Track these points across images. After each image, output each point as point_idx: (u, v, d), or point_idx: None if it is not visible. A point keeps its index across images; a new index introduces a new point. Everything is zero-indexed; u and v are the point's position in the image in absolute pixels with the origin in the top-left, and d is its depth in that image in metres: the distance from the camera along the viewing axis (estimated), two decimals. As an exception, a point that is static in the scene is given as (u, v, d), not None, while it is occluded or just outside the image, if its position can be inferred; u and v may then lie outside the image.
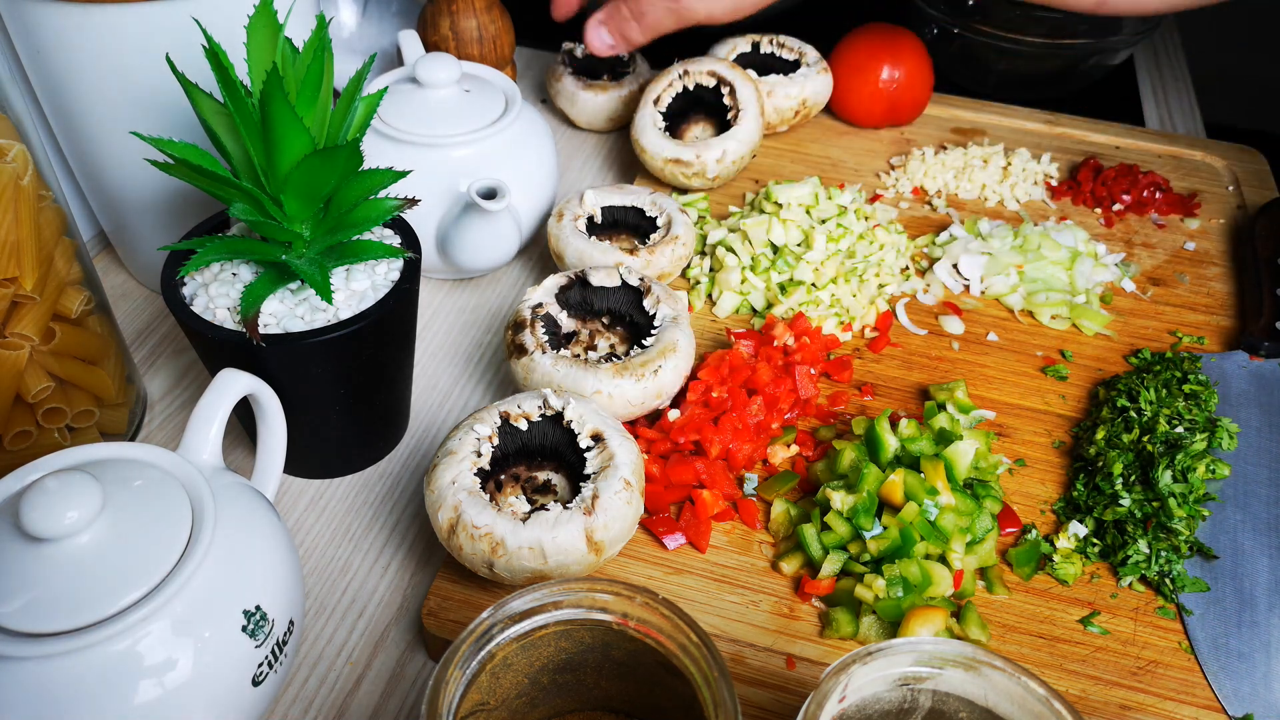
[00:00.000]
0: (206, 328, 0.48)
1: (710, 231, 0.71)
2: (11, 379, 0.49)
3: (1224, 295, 0.70)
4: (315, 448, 0.56)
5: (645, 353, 0.55)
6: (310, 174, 0.45)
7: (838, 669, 0.35)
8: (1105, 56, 0.92)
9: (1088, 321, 0.66)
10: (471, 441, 0.49)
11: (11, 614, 0.36)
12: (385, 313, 0.50)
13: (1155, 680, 0.48)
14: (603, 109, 0.85)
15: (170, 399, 0.63)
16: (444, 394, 0.64)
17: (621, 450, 0.49)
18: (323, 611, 0.52)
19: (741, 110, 0.75)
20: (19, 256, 0.47)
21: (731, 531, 0.54)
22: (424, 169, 0.64)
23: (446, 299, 0.71)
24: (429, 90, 0.67)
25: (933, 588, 0.49)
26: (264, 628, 0.41)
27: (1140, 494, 0.53)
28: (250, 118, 0.45)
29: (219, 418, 0.45)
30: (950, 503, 0.50)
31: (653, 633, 0.38)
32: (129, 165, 0.61)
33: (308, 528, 0.56)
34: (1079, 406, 0.61)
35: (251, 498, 0.45)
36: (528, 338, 0.56)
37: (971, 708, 0.37)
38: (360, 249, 0.50)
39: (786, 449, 0.57)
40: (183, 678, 0.38)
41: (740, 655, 0.48)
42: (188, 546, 0.39)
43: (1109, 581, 0.52)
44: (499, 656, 0.37)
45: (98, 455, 0.42)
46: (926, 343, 0.65)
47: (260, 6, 0.46)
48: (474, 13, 0.81)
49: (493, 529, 0.45)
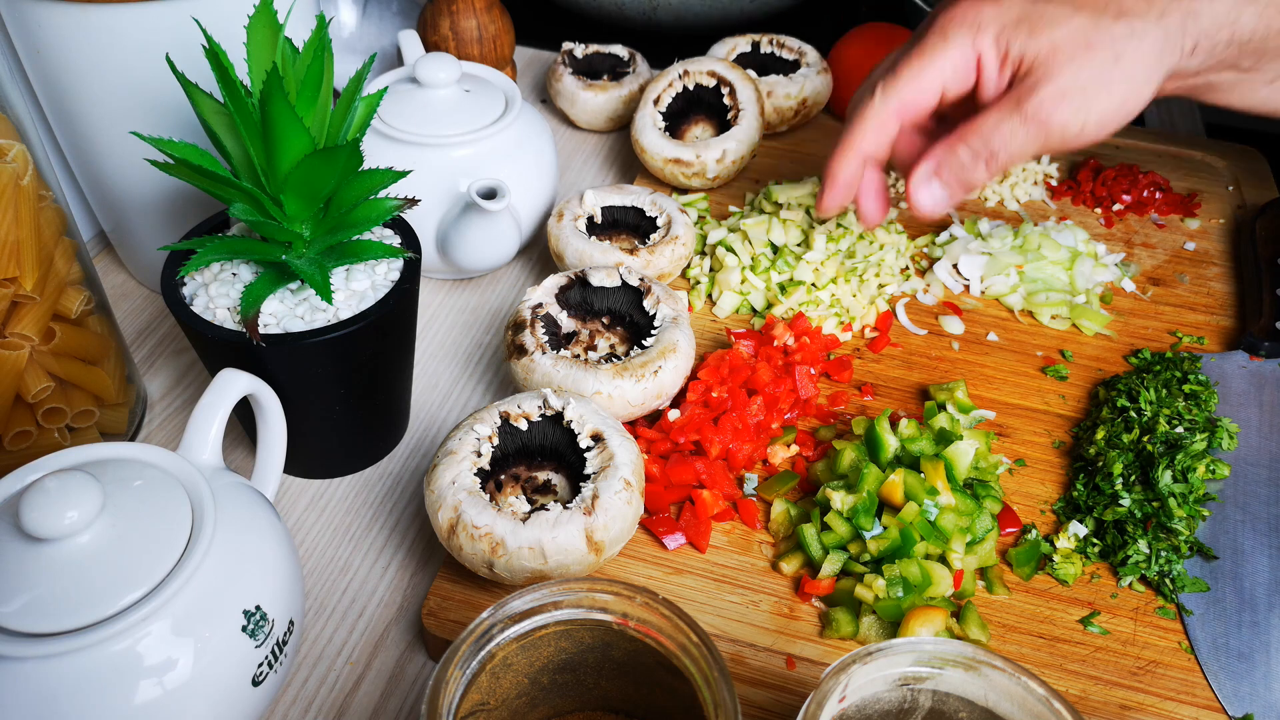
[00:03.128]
0: (206, 328, 0.48)
1: (710, 231, 0.71)
2: (11, 379, 0.49)
3: (1224, 295, 0.70)
4: (315, 448, 0.56)
5: (645, 353, 0.55)
6: (310, 174, 0.45)
7: (838, 669, 0.35)
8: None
9: (1088, 321, 0.66)
10: (471, 441, 0.49)
11: (11, 614, 0.36)
12: (385, 313, 0.50)
13: (1155, 680, 0.48)
14: (603, 109, 0.85)
15: (170, 399, 0.63)
16: (444, 394, 0.64)
17: (621, 450, 0.49)
18: (323, 611, 0.52)
19: (741, 110, 0.75)
20: (19, 256, 0.47)
21: (731, 531, 0.54)
22: (424, 169, 0.64)
23: (446, 299, 0.71)
24: (429, 90, 0.67)
25: (933, 588, 0.49)
26: (264, 628, 0.41)
27: (1140, 494, 0.53)
28: (250, 118, 0.45)
29: (219, 418, 0.45)
30: (950, 503, 0.50)
31: (653, 633, 0.38)
32: (129, 165, 0.61)
33: (308, 528, 0.56)
34: (1079, 406, 0.61)
35: (251, 498, 0.45)
36: (528, 338, 0.56)
37: (971, 708, 0.37)
38: (360, 249, 0.50)
39: (786, 449, 0.57)
40: (183, 678, 0.38)
41: (740, 655, 0.48)
42: (188, 546, 0.39)
43: (1109, 581, 0.52)
44: (499, 656, 0.37)
45: (98, 455, 0.42)
46: (926, 343, 0.65)
47: (260, 6, 0.46)
48: (474, 13, 0.81)
49: (493, 529, 0.45)
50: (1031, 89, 0.50)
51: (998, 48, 0.50)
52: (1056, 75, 0.50)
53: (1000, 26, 0.50)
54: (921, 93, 0.50)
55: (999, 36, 0.50)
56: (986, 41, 0.50)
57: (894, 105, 0.51)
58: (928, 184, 0.54)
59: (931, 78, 0.50)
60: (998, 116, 0.51)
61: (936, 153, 0.53)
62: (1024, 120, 0.50)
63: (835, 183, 0.54)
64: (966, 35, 0.50)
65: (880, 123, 0.51)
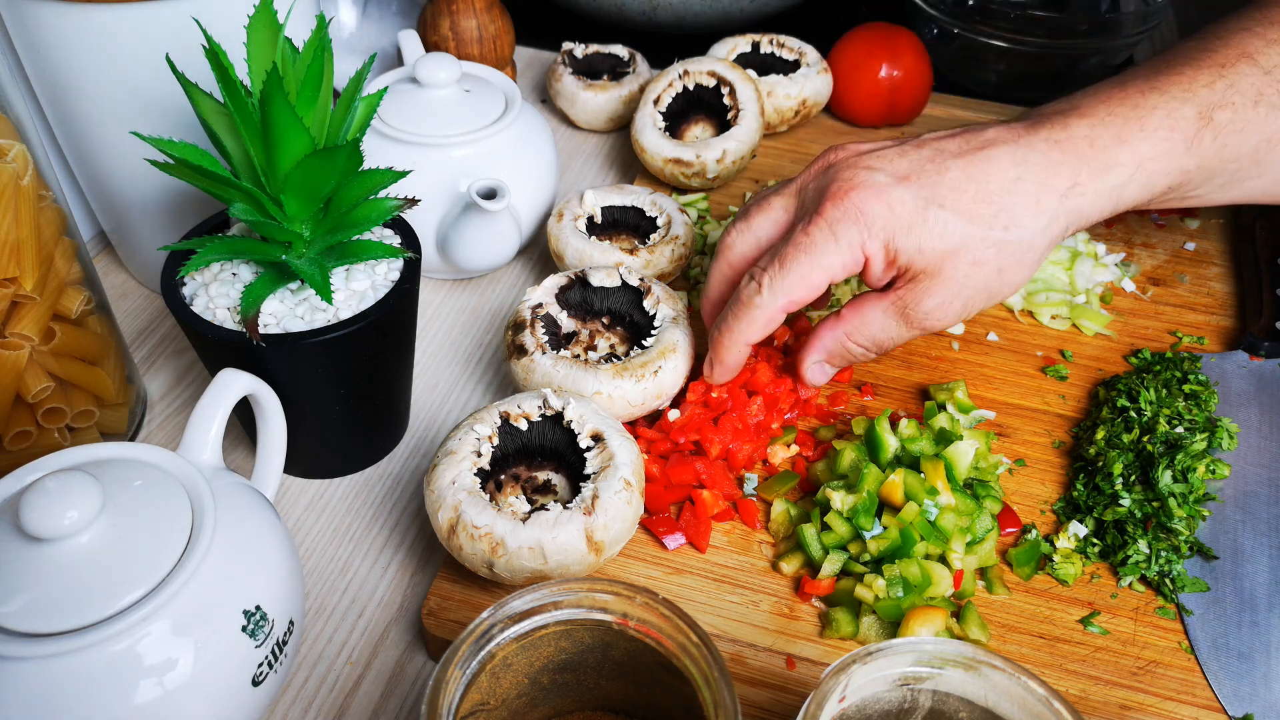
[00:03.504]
0: (206, 328, 0.48)
1: (710, 231, 0.71)
2: (11, 379, 0.49)
3: (1224, 295, 0.70)
4: (315, 448, 0.56)
5: (645, 353, 0.55)
6: (310, 174, 0.45)
7: (838, 669, 0.35)
8: (1105, 56, 0.92)
9: (1088, 321, 0.66)
10: (471, 441, 0.49)
11: (11, 614, 0.36)
12: (385, 313, 0.50)
13: (1155, 680, 0.48)
14: (603, 109, 0.85)
15: (170, 399, 0.63)
16: (444, 394, 0.64)
17: (621, 450, 0.49)
18: (323, 611, 0.52)
19: (741, 110, 0.75)
20: (19, 256, 0.47)
21: (731, 531, 0.54)
22: (424, 169, 0.64)
23: (446, 299, 0.71)
24: (429, 90, 0.67)
25: (933, 588, 0.49)
26: (264, 628, 0.41)
27: (1140, 494, 0.53)
28: (250, 118, 0.45)
29: (219, 418, 0.45)
30: (950, 503, 0.50)
31: (653, 633, 0.38)
32: (129, 165, 0.61)
33: (308, 528, 0.56)
34: (1079, 406, 0.61)
35: (251, 498, 0.45)
36: (528, 338, 0.56)
37: (971, 708, 0.37)
38: (360, 249, 0.50)
39: (786, 449, 0.57)
40: (183, 678, 0.38)
41: (740, 655, 0.48)
42: (188, 546, 0.39)
43: (1109, 581, 0.52)
44: (499, 656, 0.37)
45: (98, 455, 0.42)
46: (926, 343, 0.65)
47: (260, 6, 0.46)
48: (474, 13, 0.81)
49: (493, 529, 0.45)
50: (916, 299, 0.52)
51: (886, 254, 0.51)
52: (938, 290, 0.51)
53: (890, 234, 0.50)
54: (809, 290, 0.52)
55: (888, 243, 0.51)
56: (875, 246, 0.51)
57: (782, 303, 0.52)
58: (820, 367, 0.57)
59: (819, 276, 0.51)
60: (882, 317, 0.54)
61: (825, 342, 0.56)
62: (907, 324, 0.53)
63: (724, 365, 0.56)
64: (856, 237, 0.50)
65: (769, 319, 0.53)
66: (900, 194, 0.50)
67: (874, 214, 0.50)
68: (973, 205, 0.50)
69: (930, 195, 0.50)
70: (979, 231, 0.50)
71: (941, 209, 0.50)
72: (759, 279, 0.52)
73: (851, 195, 0.51)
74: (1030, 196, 0.51)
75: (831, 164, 0.54)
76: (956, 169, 0.51)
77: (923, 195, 0.50)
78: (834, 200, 0.51)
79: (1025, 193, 0.51)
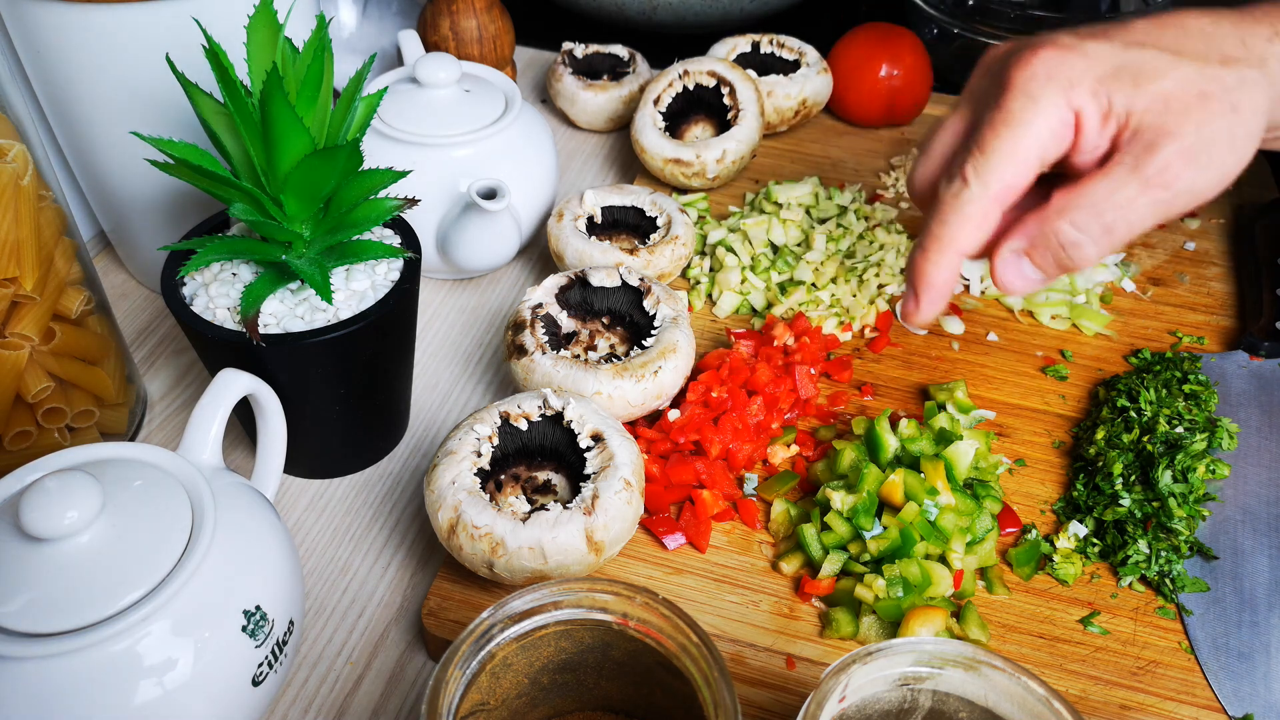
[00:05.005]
0: (206, 328, 0.48)
1: (710, 231, 0.71)
2: (11, 379, 0.49)
3: (1224, 295, 0.70)
4: (315, 448, 0.56)
5: (645, 353, 0.55)
6: (310, 174, 0.45)
7: (838, 669, 0.35)
8: (1105, 56, 0.92)
9: (1088, 321, 0.66)
10: (471, 441, 0.49)
11: (11, 614, 0.36)
12: (385, 313, 0.50)
13: (1155, 680, 0.48)
14: (603, 109, 0.85)
15: (170, 399, 0.63)
16: (444, 394, 0.64)
17: (621, 450, 0.49)
18: (323, 611, 0.52)
19: (741, 110, 0.75)
20: (19, 256, 0.47)
21: (731, 531, 0.54)
22: (424, 169, 0.64)
23: (446, 299, 0.71)
24: (429, 90, 0.67)
25: (933, 588, 0.49)
26: (264, 628, 0.41)
27: (1140, 494, 0.53)
28: (250, 118, 0.45)
29: (219, 418, 0.45)
30: (950, 503, 0.50)
31: (653, 633, 0.38)
32: (129, 165, 0.61)
33: (308, 528, 0.56)
34: (1079, 406, 0.61)
35: (251, 498, 0.45)
36: (528, 338, 0.56)
37: (971, 708, 0.37)
38: (360, 249, 0.50)
39: (786, 449, 0.57)
40: (183, 678, 0.38)
41: (740, 655, 0.48)
42: (188, 546, 0.39)
43: (1109, 581, 0.52)
44: (499, 656, 0.37)
45: (98, 455, 0.42)
46: (926, 343, 0.65)
47: (260, 6, 0.46)
48: (474, 13, 0.81)
49: (493, 529, 0.45)
50: (1149, 149, 0.42)
51: (1098, 103, 0.43)
52: (1176, 132, 0.42)
53: (1096, 79, 0.43)
54: (1021, 169, 0.43)
55: (1096, 91, 0.43)
56: (1084, 97, 0.42)
57: (994, 189, 0.43)
58: (1017, 263, 0.46)
59: (1029, 149, 0.43)
60: (1109, 184, 0.43)
61: (1028, 228, 0.45)
62: (1145, 185, 0.43)
63: (931, 289, 0.46)
64: (1058, 93, 0.42)
65: (983, 215, 0.44)
66: (1093, 46, 0.43)
67: (1072, 65, 0.43)
68: (1177, 41, 0.43)
69: (1127, 40, 0.43)
70: (1196, 66, 0.43)
71: (1143, 49, 0.43)
72: (961, 171, 0.44)
73: (1040, 54, 0.43)
74: (1234, 38, 0.44)
75: (996, 56, 0.47)
76: (1144, 23, 0.44)
77: (1118, 42, 0.43)
78: (1020, 68, 0.43)
79: (1226, 34, 0.44)
